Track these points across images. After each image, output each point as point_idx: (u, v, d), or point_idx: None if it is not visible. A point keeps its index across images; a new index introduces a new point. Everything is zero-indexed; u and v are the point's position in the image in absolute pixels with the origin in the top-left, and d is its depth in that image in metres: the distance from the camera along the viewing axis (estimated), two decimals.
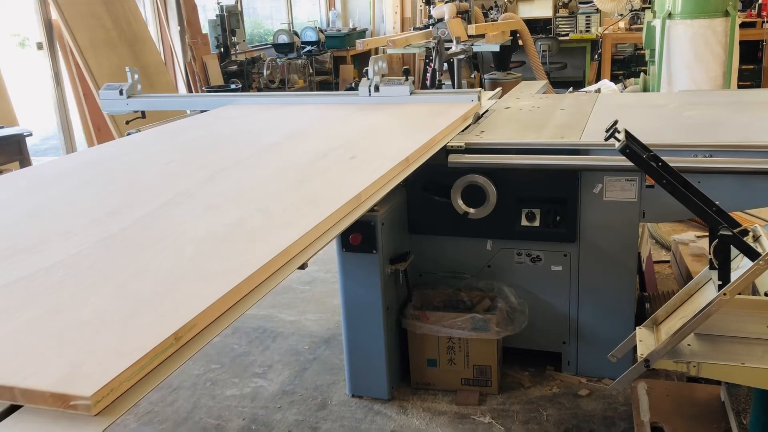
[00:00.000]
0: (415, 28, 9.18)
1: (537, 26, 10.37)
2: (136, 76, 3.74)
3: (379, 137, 2.77)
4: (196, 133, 3.08)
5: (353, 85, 3.59)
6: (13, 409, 1.05)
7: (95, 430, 0.99)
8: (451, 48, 6.70)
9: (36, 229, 1.80)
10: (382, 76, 3.44)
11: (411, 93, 3.34)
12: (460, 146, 2.74)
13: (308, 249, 1.64)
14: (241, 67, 8.29)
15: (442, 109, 3.11)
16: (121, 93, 3.70)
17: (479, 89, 3.60)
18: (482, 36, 7.93)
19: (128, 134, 3.17)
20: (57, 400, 1.01)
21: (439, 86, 6.61)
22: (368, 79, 3.42)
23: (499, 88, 4.12)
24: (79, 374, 1.06)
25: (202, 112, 3.61)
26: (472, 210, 2.84)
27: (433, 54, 6.32)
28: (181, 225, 1.76)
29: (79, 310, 1.29)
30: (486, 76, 8.31)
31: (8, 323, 1.25)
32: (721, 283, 1.85)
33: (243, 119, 3.29)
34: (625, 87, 7.11)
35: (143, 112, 3.83)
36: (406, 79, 3.38)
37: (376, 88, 3.38)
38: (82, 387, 1.02)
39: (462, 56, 6.78)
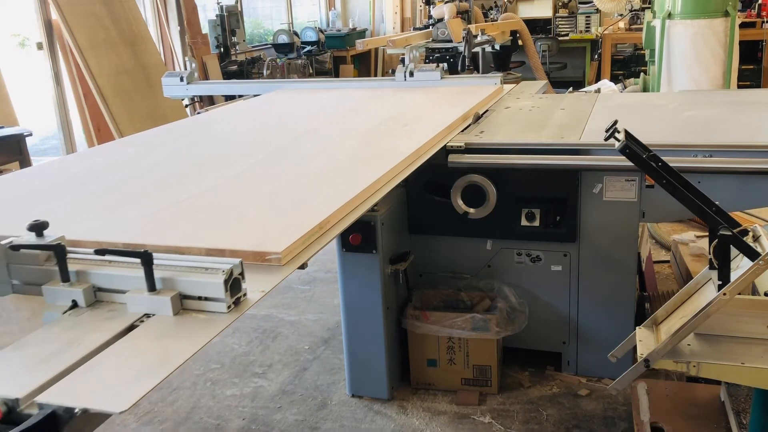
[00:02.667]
0: (415, 28, 9.17)
1: (537, 26, 10.36)
2: (194, 65, 4.30)
3: (422, 111, 3.28)
4: (260, 111, 3.61)
5: (391, 71, 4.34)
6: None
7: (284, 274, 1.50)
8: (477, 38, 7.29)
9: (177, 171, 2.36)
10: (416, 63, 3.95)
11: (441, 78, 3.84)
12: (460, 146, 2.74)
13: (389, 184, 2.13)
14: (241, 67, 8.28)
15: (470, 90, 3.66)
16: (181, 80, 4.22)
17: (500, 74, 4.04)
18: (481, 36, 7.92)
19: (198, 113, 3.62)
20: (257, 257, 1.53)
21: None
22: (404, 65, 3.94)
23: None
24: (267, 242, 1.58)
25: (255, 96, 4.12)
26: (472, 210, 2.84)
27: (463, 43, 6.88)
28: (289, 167, 2.32)
29: (245, 213, 1.85)
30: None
31: (198, 218, 1.81)
32: (721, 283, 1.85)
33: (296, 100, 3.79)
34: (625, 87, 7.10)
35: (201, 97, 4.58)
36: (437, 66, 3.89)
37: (411, 74, 3.90)
38: (273, 247, 1.54)
39: (486, 46, 7.35)
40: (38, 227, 1.49)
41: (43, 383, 1.18)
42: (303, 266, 1.60)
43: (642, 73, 6.05)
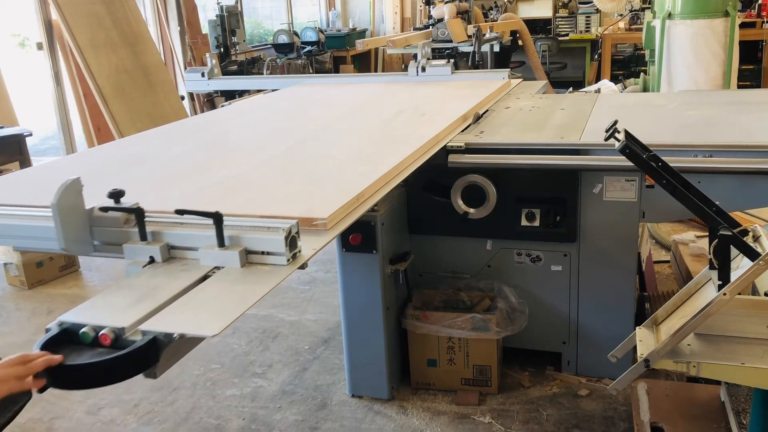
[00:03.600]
0: (415, 29, 9.16)
1: (537, 26, 10.36)
2: (214, 62, 4.53)
3: (437, 102, 3.50)
4: (283, 104, 3.86)
5: (404, 67, 4.80)
6: None
7: (329, 236, 1.72)
8: (486, 35, 7.71)
9: (217, 154, 2.60)
10: (427, 59, 4.18)
11: (452, 73, 4.09)
12: (460, 146, 2.74)
13: (411, 166, 2.33)
14: (241, 67, 8.27)
15: (480, 84, 3.90)
16: (202, 75, 4.49)
17: (507, 69, 4.29)
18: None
19: (222, 106, 3.87)
20: (305, 222, 1.72)
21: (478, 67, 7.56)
22: (416, 61, 4.16)
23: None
24: (314, 210, 1.79)
25: (273, 90, 4.36)
26: (472, 210, 2.84)
27: (473, 40, 7.25)
28: (320, 151, 2.56)
29: (288, 188, 2.08)
30: None
31: (247, 192, 2.05)
32: (721, 283, 1.85)
33: (316, 94, 4.02)
34: (625, 87, 7.10)
35: (220, 91, 4.78)
36: (448, 62, 4.15)
37: (423, 69, 4.13)
38: (319, 214, 1.76)
39: (495, 42, 7.79)
40: (116, 195, 1.71)
41: (142, 316, 1.39)
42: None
43: (642, 73, 6.04)
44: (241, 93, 5.61)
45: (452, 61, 4.18)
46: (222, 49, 8.35)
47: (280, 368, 3.30)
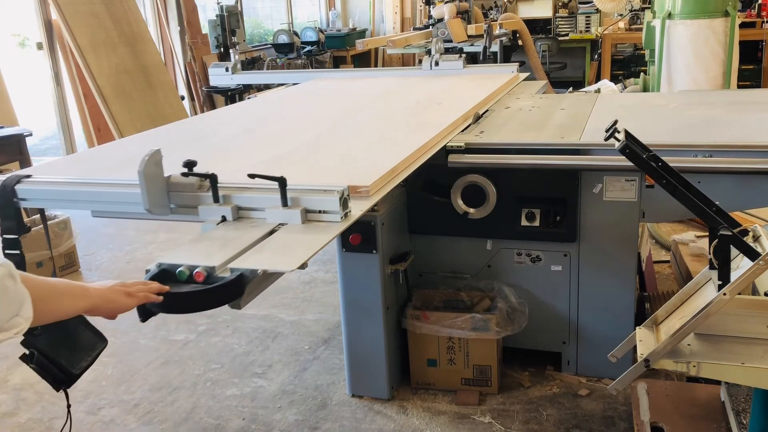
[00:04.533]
0: (415, 29, 9.17)
1: (537, 26, 10.35)
2: (237, 57, 4.83)
3: (451, 93, 3.80)
4: (306, 95, 4.15)
5: (418, 62, 5.23)
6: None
7: (372, 202, 2.02)
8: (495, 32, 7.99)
9: (258, 138, 2.90)
10: (440, 54, 4.47)
11: (464, 67, 4.36)
12: (460, 146, 2.74)
13: (432, 148, 2.60)
14: (241, 67, 8.27)
15: (490, 77, 4.17)
16: (226, 70, 4.76)
17: (516, 64, 4.56)
18: (482, 36, 7.93)
19: (248, 98, 4.20)
20: (351, 189, 1.96)
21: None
22: (430, 56, 4.45)
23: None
24: (356, 180, 2.06)
25: (294, 84, 4.66)
26: (472, 210, 2.84)
27: (485, 35, 7.54)
28: (351, 134, 2.87)
29: (330, 164, 2.40)
30: None
31: (294, 167, 2.30)
32: (721, 283, 1.85)
33: (336, 87, 4.31)
34: (625, 87, 7.10)
35: (243, 86, 5.28)
36: (460, 56, 4.41)
37: (436, 63, 4.40)
38: (362, 182, 2.04)
39: (504, 39, 8.11)
40: (190, 164, 1.96)
41: (228, 258, 1.65)
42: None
43: (642, 73, 6.04)
44: (241, 93, 5.68)
45: (464, 56, 4.40)
46: (222, 49, 8.34)
47: (280, 368, 3.30)
